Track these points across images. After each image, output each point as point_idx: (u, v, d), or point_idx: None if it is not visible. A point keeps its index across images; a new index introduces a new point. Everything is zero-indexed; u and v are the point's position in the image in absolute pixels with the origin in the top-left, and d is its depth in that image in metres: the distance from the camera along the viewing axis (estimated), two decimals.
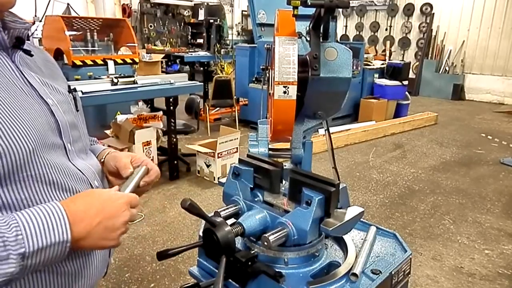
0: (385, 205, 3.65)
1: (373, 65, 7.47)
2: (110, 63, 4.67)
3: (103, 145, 1.11)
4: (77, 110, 0.89)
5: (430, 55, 10.25)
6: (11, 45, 0.75)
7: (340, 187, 0.86)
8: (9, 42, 0.74)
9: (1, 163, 0.63)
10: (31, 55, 0.80)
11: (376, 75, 7.22)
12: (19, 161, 0.65)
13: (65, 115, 0.80)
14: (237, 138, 4.12)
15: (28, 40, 0.79)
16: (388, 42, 10.83)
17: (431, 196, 3.86)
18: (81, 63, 4.52)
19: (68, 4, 7.69)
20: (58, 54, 4.57)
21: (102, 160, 0.98)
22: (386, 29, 10.91)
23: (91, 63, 4.61)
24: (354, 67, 6.54)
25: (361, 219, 1.01)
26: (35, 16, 6.66)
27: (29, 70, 0.78)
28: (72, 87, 0.91)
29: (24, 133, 0.66)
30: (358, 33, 11.43)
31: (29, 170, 0.68)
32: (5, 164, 0.64)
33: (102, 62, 4.68)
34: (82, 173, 0.81)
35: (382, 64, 7.67)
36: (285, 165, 1.00)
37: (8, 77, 0.71)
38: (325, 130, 1.12)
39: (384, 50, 10.80)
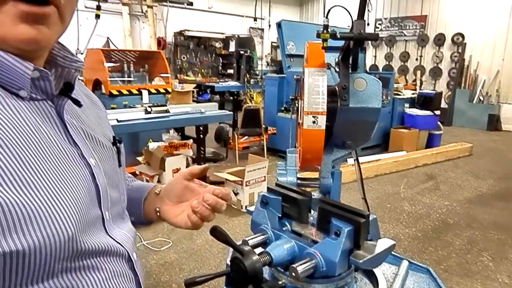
0: (418, 239, 3.51)
1: (403, 94, 7.39)
2: (145, 93, 4.86)
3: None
4: (120, 166, 0.76)
5: (463, 85, 10.03)
6: (57, 92, 0.60)
7: (370, 218, 0.84)
8: (56, 86, 0.60)
9: (31, 261, 0.48)
10: (80, 105, 0.66)
11: (407, 105, 7.12)
12: (52, 254, 0.50)
13: (106, 176, 0.67)
14: (265, 167, 4.13)
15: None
16: (418, 72, 10.72)
17: (467, 231, 3.68)
18: (117, 93, 4.73)
19: (108, 38, 8.16)
20: (96, 84, 4.81)
21: (157, 192, 0.89)
22: (417, 59, 10.84)
23: (127, 92, 4.81)
24: (384, 97, 6.49)
25: (393, 252, 0.98)
26: (77, 49, 7.08)
27: (75, 121, 0.64)
28: (118, 138, 0.77)
29: (65, 216, 0.52)
30: (387, 63, 11.40)
31: (61, 263, 0.53)
32: (35, 262, 0.49)
33: (137, 92, 4.88)
34: (122, 245, 0.67)
35: (413, 93, 7.58)
36: (313, 195, 0.99)
37: (50, 136, 0.56)
38: (354, 160, 1.11)
39: (415, 80, 10.69)
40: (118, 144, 0.76)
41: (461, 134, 8.63)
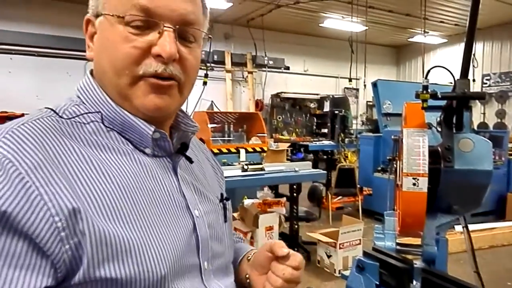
0: None
1: None
2: (242, 151, 5.12)
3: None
4: (225, 221, 0.83)
5: None
6: (175, 150, 0.73)
7: None
8: (175, 146, 0.73)
9: None
10: (191, 162, 0.77)
11: None
12: None
13: (209, 229, 0.74)
14: (361, 229, 3.92)
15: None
16: None
17: None
18: (218, 151, 5.06)
19: (212, 101, 8.96)
20: None
21: (249, 258, 0.88)
22: None
23: (226, 151, 5.12)
24: (496, 157, 5.85)
25: None
26: (186, 111, 7.88)
27: (187, 176, 0.75)
28: (225, 196, 0.86)
29: (160, 257, 0.61)
30: (499, 120, 10.37)
31: None
32: None
33: (235, 150, 5.16)
34: None
35: None
36: (415, 263, 0.92)
37: (165, 186, 0.68)
38: (463, 227, 1.01)
39: None
40: (224, 201, 0.85)
41: None
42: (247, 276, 0.85)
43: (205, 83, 3.72)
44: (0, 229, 0.50)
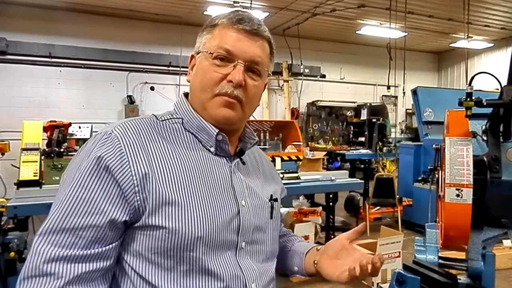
0: None
1: None
2: (278, 160, 5.11)
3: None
4: (271, 218, 0.99)
5: None
6: (233, 154, 0.95)
7: None
8: (235, 150, 0.95)
9: (171, 239, 0.79)
10: (244, 163, 0.98)
11: None
12: (183, 242, 0.79)
13: (254, 218, 0.92)
14: (400, 241, 3.79)
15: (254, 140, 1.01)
16: None
17: None
18: None
19: None
20: None
21: (318, 248, 1.04)
22: None
23: None
24: None
25: None
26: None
27: (240, 174, 0.95)
28: (274, 197, 1.01)
29: (199, 223, 0.81)
30: None
31: (189, 252, 0.80)
32: (173, 241, 0.79)
33: (270, 159, 5.12)
34: (242, 271, 0.86)
35: None
36: (459, 278, 0.88)
37: (218, 176, 0.89)
38: None
39: None
40: (273, 201, 1.00)
41: None
42: (315, 261, 1.01)
43: None
44: (106, 175, 0.77)
